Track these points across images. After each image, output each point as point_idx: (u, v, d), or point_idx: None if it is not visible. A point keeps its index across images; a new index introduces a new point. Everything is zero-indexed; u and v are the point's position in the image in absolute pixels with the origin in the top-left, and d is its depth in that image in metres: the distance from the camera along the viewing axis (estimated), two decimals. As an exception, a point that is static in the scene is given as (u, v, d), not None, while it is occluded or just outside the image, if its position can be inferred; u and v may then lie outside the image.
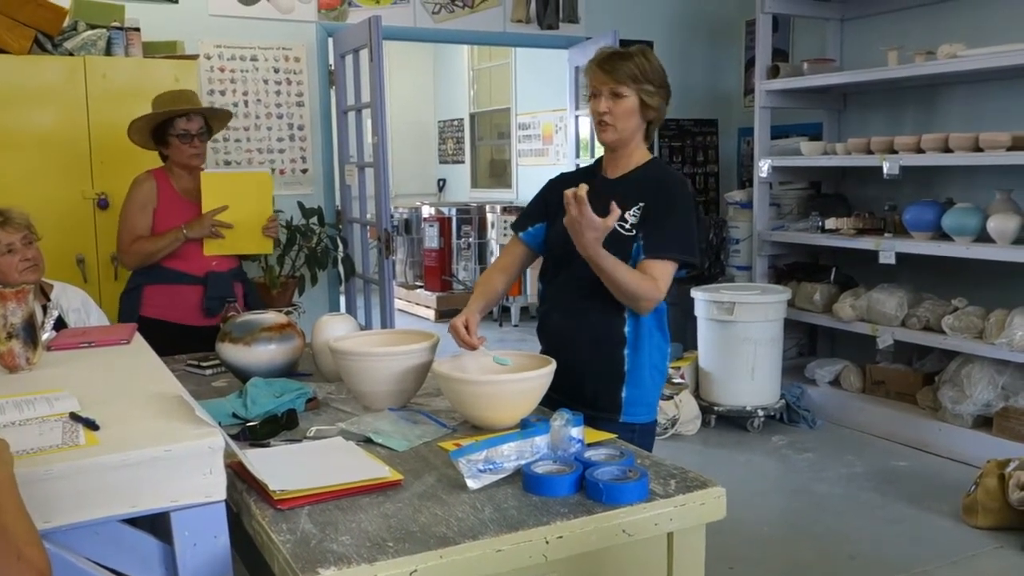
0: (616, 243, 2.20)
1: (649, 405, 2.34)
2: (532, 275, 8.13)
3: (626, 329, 2.27)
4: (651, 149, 2.41)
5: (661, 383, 2.37)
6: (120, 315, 3.35)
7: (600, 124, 2.30)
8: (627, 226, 2.23)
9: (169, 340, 2.96)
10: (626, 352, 2.28)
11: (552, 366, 2.03)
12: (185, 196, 3.33)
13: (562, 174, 2.57)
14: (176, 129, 3.28)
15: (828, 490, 4.10)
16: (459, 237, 8.87)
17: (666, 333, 2.35)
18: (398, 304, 8.21)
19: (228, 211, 3.29)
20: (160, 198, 3.34)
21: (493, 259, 8.45)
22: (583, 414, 1.93)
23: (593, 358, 2.29)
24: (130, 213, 3.33)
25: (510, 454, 1.70)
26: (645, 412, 2.32)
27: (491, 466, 1.67)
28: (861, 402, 4.97)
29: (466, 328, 2.26)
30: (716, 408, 4.98)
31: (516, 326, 8.19)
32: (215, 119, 3.48)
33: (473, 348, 2.23)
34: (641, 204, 2.24)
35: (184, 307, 3.24)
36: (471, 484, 1.65)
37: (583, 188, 2.06)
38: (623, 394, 2.29)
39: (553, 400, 2.19)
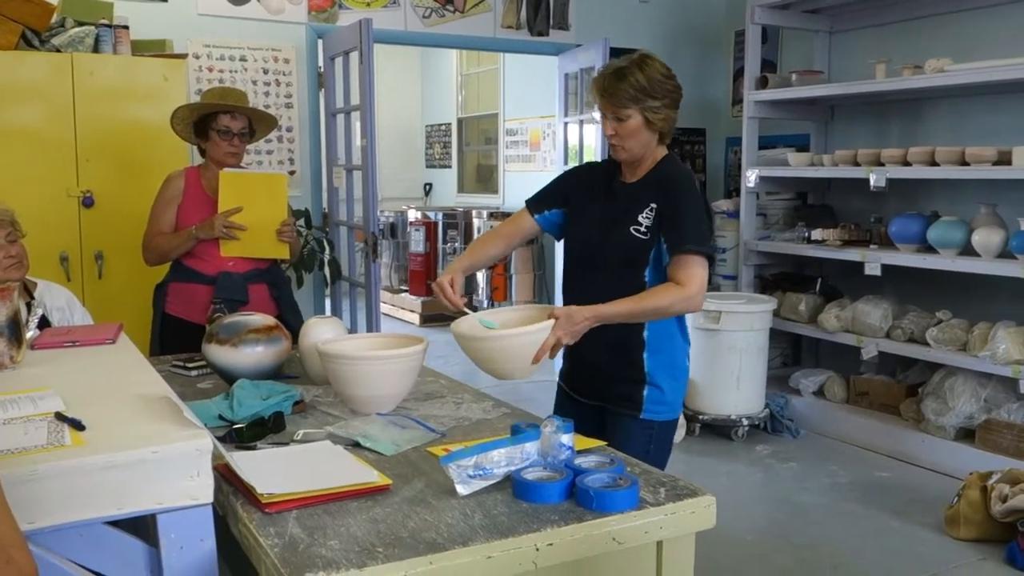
0: (633, 248, 2.28)
1: (669, 404, 2.36)
2: (517, 280, 8.13)
3: (645, 334, 2.31)
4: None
5: (683, 381, 2.40)
6: (153, 309, 3.37)
7: (611, 146, 2.34)
8: (642, 229, 2.27)
9: (187, 338, 2.98)
10: (645, 355, 2.32)
11: (548, 323, 2.13)
12: (212, 195, 3.27)
13: (588, 163, 2.62)
14: (219, 124, 3.24)
15: (811, 500, 4.11)
16: (445, 242, 8.86)
17: (686, 333, 2.39)
18: (383, 308, 8.19)
19: (243, 213, 3.22)
20: (186, 195, 3.30)
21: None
22: (607, 408, 2.19)
23: (613, 361, 2.34)
24: (156, 209, 3.32)
25: (500, 460, 1.68)
26: (666, 411, 2.36)
27: (481, 472, 1.66)
28: (845, 413, 4.99)
29: (452, 286, 2.33)
30: (701, 417, 4.99)
31: (501, 332, 8.16)
32: (260, 123, 3.43)
33: (456, 307, 2.31)
34: (653, 205, 2.27)
35: (196, 306, 3.18)
36: (461, 490, 1.63)
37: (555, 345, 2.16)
38: (644, 393, 2.33)
39: (576, 398, 2.37)
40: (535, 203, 2.52)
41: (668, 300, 2.21)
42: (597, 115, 2.42)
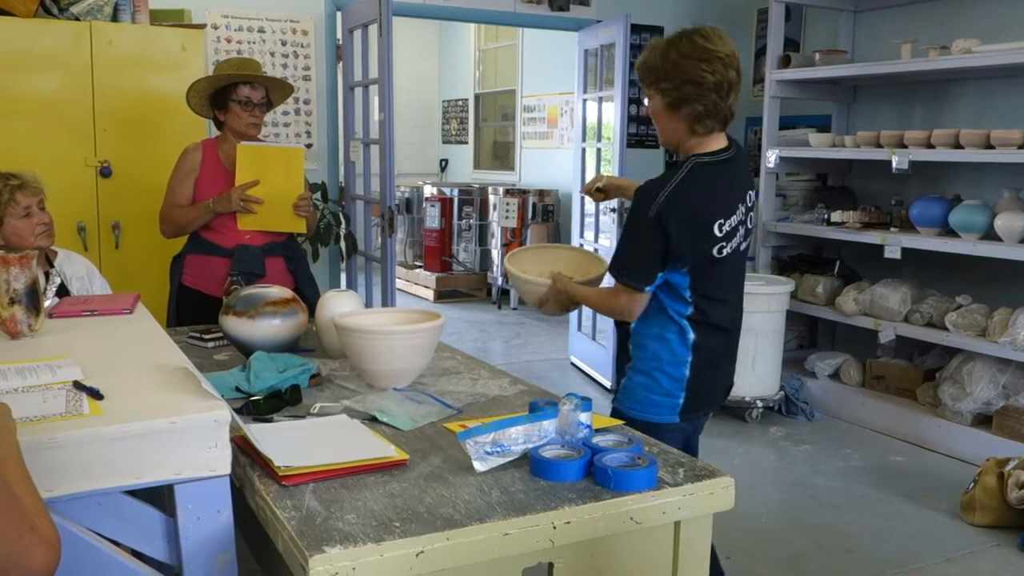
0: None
1: (638, 403, 2.26)
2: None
3: (632, 325, 2.30)
4: (730, 138, 2.28)
5: (666, 388, 2.26)
6: (170, 281, 3.40)
7: None
8: None
9: (202, 310, 3.03)
10: (631, 348, 2.32)
11: (547, 281, 2.42)
12: (229, 167, 3.27)
13: None
14: (239, 95, 3.23)
15: (825, 483, 4.09)
16: (460, 218, 8.84)
17: (687, 340, 2.24)
18: (397, 283, 8.19)
19: (260, 186, 3.21)
20: (203, 167, 3.30)
21: (494, 241, 8.46)
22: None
23: (618, 345, 2.42)
24: (173, 182, 3.32)
25: (518, 437, 1.67)
26: (634, 408, 2.28)
27: (498, 449, 1.65)
28: (860, 396, 4.96)
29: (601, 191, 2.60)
30: (715, 398, 4.96)
31: (515, 309, 8.16)
32: (276, 93, 3.41)
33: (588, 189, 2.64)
34: None
35: (213, 278, 3.21)
36: (478, 466, 1.63)
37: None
38: (623, 382, 2.34)
39: None
40: None
41: (601, 301, 2.38)
42: (608, 92, 2.46)
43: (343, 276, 5.49)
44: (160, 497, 1.55)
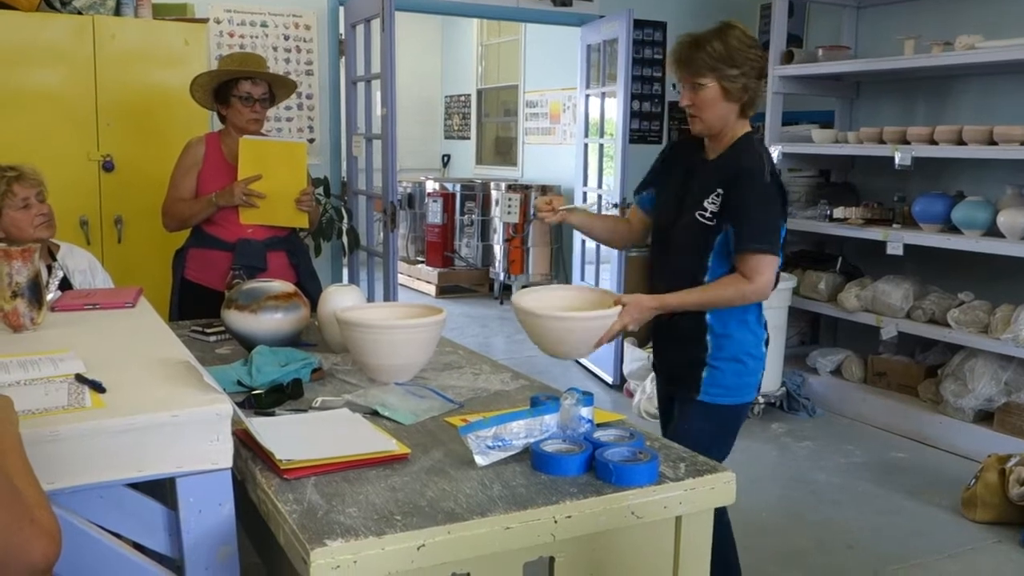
0: (698, 233, 2.26)
1: (729, 388, 2.31)
2: (534, 253, 8.11)
3: (708, 317, 2.30)
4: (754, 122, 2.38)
5: (751, 368, 2.33)
6: (172, 275, 3.40)
7: (688, 117, 2.32)
8: (707, 215, 2.25)
9: (205, 304, 3.01)
10: (708, 339, 2.31)
11: (616, 309, 2.16)
12: (232, 161, 3.27)
13: (684, 137, 2.53)
14: (240, 91, 3.23)
15: (826, 479, 4.09)
16: (463, 214, 8.83)
17: (761, 319, 2.34)
18: (399, 278, 8.19)
19: (263, 180, 3.21)
20: (206, 161, 3.30)
21: (496, 236, 8.46)
22: (675, 390, 2.31)
23: (678, 340, 2.37)
24: (175, 175, 3.32)
25: (519, 431, 1.68)
26: (724, 394, 2.32)
27: (500, 443, 1.65)
28: (862, 393, 4.96)
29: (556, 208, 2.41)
30: (716, 393, 4.96)
31: (517, 305, 8.15)
32: (279, 88, 3.42)
33: (545, 212, 2.40)
34: (719, 191, 2.23)
35: (215, 272, 3.21)
36: (479, 460, 1.63)
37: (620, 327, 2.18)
38: (703, 375, 2.32)
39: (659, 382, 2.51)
40: (639, 185, 2.55)
41: (732, 293, 2.23)
42: (610, 87, 2.41)
43: (345, 271, 5.49)
44: (162, 490, 1.55)
